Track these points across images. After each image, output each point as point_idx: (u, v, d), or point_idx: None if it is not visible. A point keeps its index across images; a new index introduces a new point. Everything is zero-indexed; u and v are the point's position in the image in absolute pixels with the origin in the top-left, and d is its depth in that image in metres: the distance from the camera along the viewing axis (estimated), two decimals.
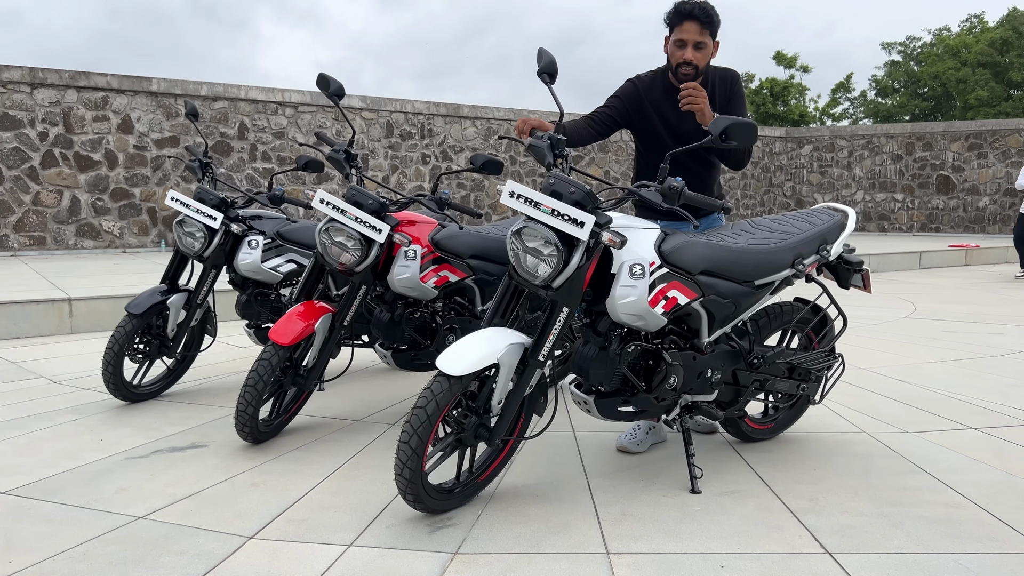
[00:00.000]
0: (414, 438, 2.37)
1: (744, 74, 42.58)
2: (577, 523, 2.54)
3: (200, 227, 3.97)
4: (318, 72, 3.50)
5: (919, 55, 40.36)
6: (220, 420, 3.76)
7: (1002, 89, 36.53)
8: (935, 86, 37.99)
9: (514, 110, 15.16)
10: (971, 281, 10.08)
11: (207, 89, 12.08)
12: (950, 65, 37.07)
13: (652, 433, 3.29)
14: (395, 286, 3.41)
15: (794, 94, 37.31)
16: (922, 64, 39.28)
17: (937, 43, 39.57)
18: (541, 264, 2.46)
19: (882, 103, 40.80)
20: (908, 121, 37.37)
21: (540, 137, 2.61)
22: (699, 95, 2.90)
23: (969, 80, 36.30)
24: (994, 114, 34.31)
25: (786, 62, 37.60)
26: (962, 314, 7.12)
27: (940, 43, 39.19)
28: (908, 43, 41.31)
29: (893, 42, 41.98)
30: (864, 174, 18.35)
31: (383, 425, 3.68)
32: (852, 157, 18.49)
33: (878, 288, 9.17)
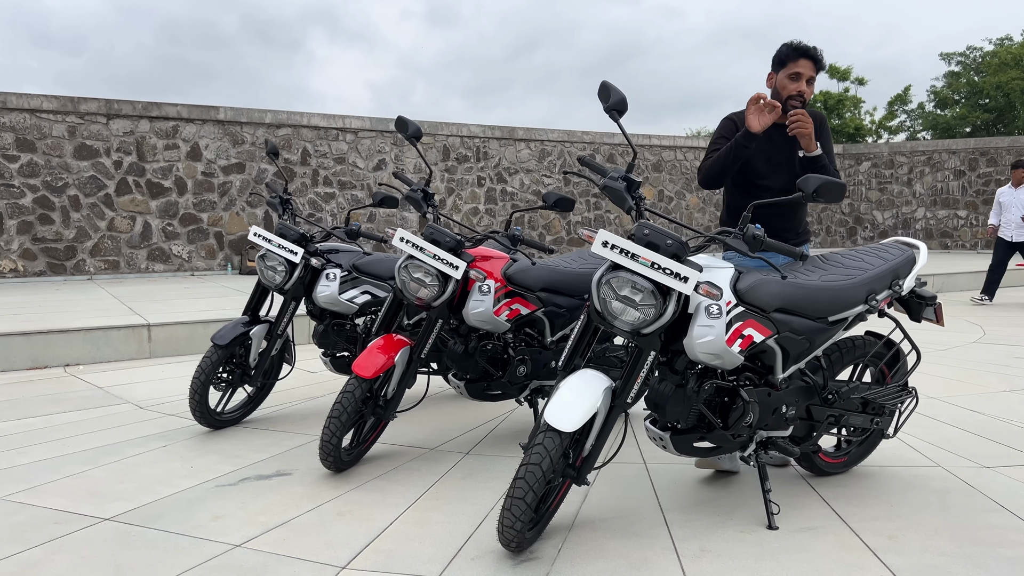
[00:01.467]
0: (530, 494, 2.45)
1: None
2: (656, 559, 2.59)
3: (281, 261, 4.14)
4: (397, 115, 3.65)
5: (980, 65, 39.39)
6: (300, 448, 3.91)
7: None
8: (997, 96, 37.00)
9: (567, 131, 15.28)
10: None
11: (271, 117, 12.47)
12: (1013, 75, 36.06)
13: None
14: (470, 320, 3.52)
15: (848, 107, 36.70)
16: (983, 74, 38.31)
17: (998, 53, 38.58)
18: (632, 311, 2.53)
19: (941, 115, 39.85)
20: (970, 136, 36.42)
21: (614, 179, 2.69)
22: (808, 121, 3.14)
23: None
24: None
25: (839, 75, 37.06)
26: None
27: (1002, 53, 38.20)
28: (969, 53, 40.34)
29: (953, 52, 41.02)
30: (925, 191, 17.97)
31: (456, 454, 3.79)
32: (912, 174, 18.14)
33: (945, 310, 8.99)
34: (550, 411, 2.48)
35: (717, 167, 3.29)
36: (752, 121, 3.12)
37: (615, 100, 2.68)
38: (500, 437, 4.09)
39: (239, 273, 12.13)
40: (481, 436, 4.11)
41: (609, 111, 2.70)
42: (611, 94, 2.69)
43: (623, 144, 15.80)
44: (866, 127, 37.13)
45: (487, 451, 3.84)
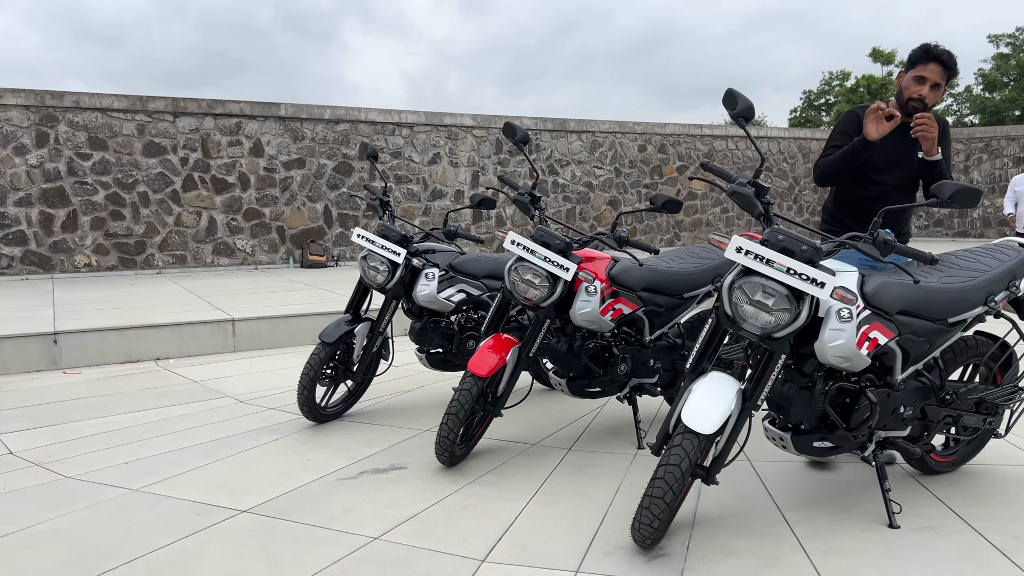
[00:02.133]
0: (669, 494, 2.54)
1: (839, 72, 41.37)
2: (786, 557, 2.67)
3: (384, 262, 4.27)
4: (504, 122, 3.74)
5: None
6: (407, 442, 4.04)
7: None
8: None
9: (619, 122, 15.27)
10: None
11: (330, 112, 12.66)
12: None
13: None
14: (577, 319, 3.61)
15: (893, 91, 35.95)
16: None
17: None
18: (764, 315, 2.60)
19: (990, 98, 38.91)
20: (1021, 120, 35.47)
21: (743, 184, 2.74)
22: (933, 125, 3.19)
23: None
24: None
25: (883, 58, 36.34)
26: None
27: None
28: (1018, 34, 39.27)
29: (1001, 34, 39.94)
30: (983, 178, 17.62)
31: (559, 450, 3.89)
32: (970, 161, 17.79)
33: None
34: (688, 414, 2.56)
35: (833, 169, 3.34)
36: (870, 129, 3.17)
37: (742, 107, 2.74)
38: (597, 433, 4.19)
39: (300, 266, 12.38)
40: (578, 432, 4.20)
41: (736, 118, 2.76)
42: (738, 101, 2.75)
43: (674, 135, 15.76)
44: None
45: (589, 447, 3.93)
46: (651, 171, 15.55)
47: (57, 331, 6.12)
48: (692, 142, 16.05)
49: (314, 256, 12.35)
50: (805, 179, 17.59)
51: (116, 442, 4.10)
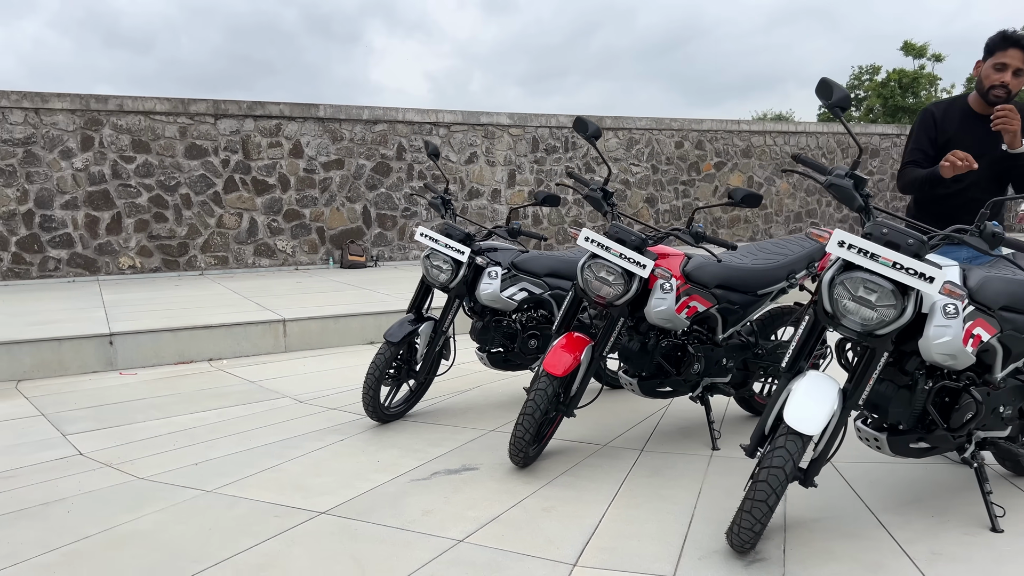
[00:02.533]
0: (772, 497, 2.47)
1: (869, 66, 40.75)
2: (888, 562, 2.58)
3: (447, 260, 4.22)
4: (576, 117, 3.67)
5: None
6: (475, 442, 3.99)
7: None
8: None
9: (655, 119, 15.13)
10: None
11: (368, 113, 12.68)
12: None
13: None
14: (652, 317, 3.54)
15: (924, 85, 35.29)
16: None
17: None
18: (867, 311, 2.51)
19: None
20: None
21: (841, 176, 2.65)
22: (1015, 117, 3.14)
23: None
24: None
25: (915, 52, 35.68)
26: None
27: None
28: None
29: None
30: None
31: (631, 451, 3.82)
32: None
33: None
34: (792, 415, 2.48)
35: (913, 188, 3.42)
36: (946, 171, 3.12)
37: (838, 97, 2.65)
38: (667, 433, 4.11)
39: (340, 267, 12.40)
40: (647, 432, 4.13)
41: (831, 107, 2.66)
42: (833, 91, 2.66)
43: (711, 131, 15.58)
44: None
45: (661, 448, 3.86)
46: (688, 168, 15.39)
47: (112, 332, 6.16)
48: (729, 138, 15.86)
49: (354, 256, 12.37)
50: None
51: (183, 443, 4.09)
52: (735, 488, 3.27)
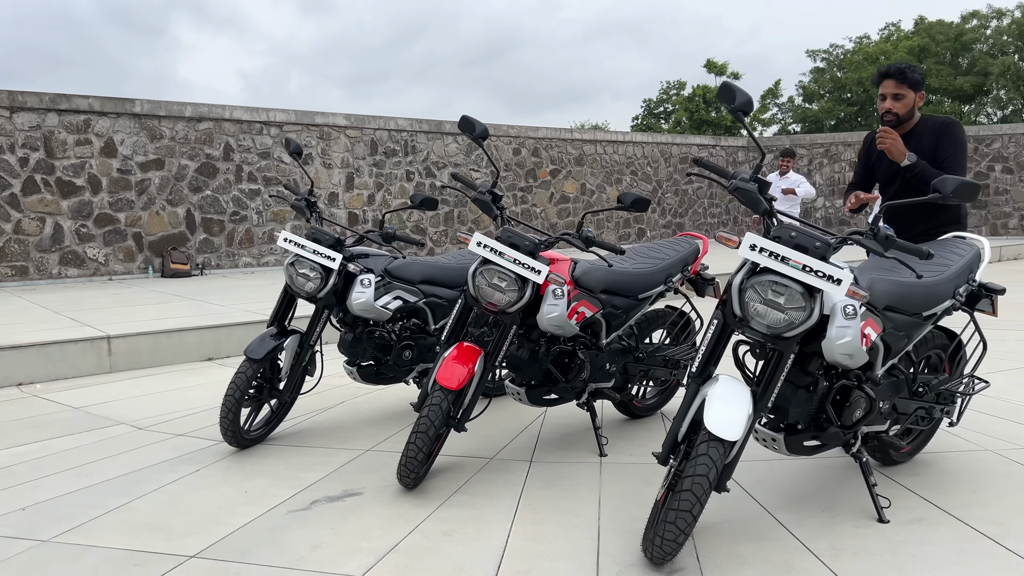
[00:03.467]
0: (697, 506, 2.41)
1: (676, 81, 43.51)
2: (798, 561, 2.61)
3: (314, 267, 3.91)
4: (461, 116, 3.50)
5: (842, 62, 41.96)
6: (350, 464, 3.71)
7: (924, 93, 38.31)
8: (858, 92, 39.47)
9: (494, 124, 15.21)
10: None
11: (191, 110, 11.79)
12: (872, 72, 38.65)
13: None
14: (544, 324, 3.43)
15: None
16: (845, 71, 40.80)
17: (858, 51, 41.22)
18: (775, 314, 2.52)
19: (809, 108, 42.16)
20: (835, 129, 38.61)
21: (746, 180, 2.67)
22: (887, 136, 3.68)
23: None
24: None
25: (716, 69, 38.54)
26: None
27: (860, 51, 40.83)
28: (832, 50, 42.93)
29: (817, 49, 43.50)
30: (824, 181, 18.98)
31: (519, 462, 3.69)
32: (812, 165, 19.12)
33: None
34: (713, 422, 2.44)
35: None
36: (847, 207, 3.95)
37: (741, 101, 2.66)
38: (552, 442, 4.02)
39: (161, 276, 11.42)
40: (531, 442, 4.02)
41: (735, 111, 2.67)
42: (736, 95, 2.67)
43: (546, 139, 15.89)
44: None
45: (549, 457, 3.76)
46: (526, 174, 15.60)
47: None
48: (563, 146, 16.25)
49: (176, 264, 11.42)
50: (667, 183, 18.26)
51: (1, 484, 3.50)
52: (633, 495, 3.23)
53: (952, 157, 3.69)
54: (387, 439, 4.11)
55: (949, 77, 38.46)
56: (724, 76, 38.74)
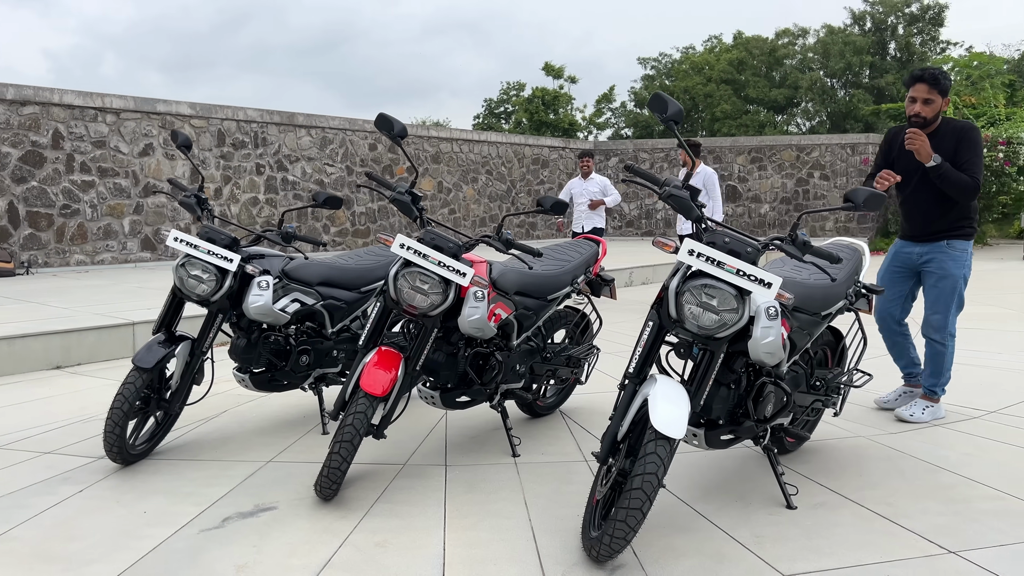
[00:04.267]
0: (647, 504, 2.47)
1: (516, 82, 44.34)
2: (727, 551, 2.75)
3: (207, 268, 3.67)
4: (378, 113, 3.40)
5: (671, 70, 44.43)
6: (254, 476, 3.52)
7: (741, 104, 41.11)
8: (685, 99, 41.90)
9: (348, 119, 14.86)
10: None
11: (13, 92, 10.67)
12: (697, 81, 41.15)
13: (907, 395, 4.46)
14: (465, 327, 3.40)
15: (563, 103, 39.36)
16: (673, 79, 43.23)
17: (684, 60, 43.82)
18: (710, 316, 2.64)
19: (640, 114, 44.31)
20: (662, 136, 40.71)
21: (679, 187, 2.77)
22: (917, 138, 3.87)
23: (715, 95, 40.49)
24: (736, 126, 38.56)
25: (554, 72, 39.68)
26: None
27: (687, 60, 43.44)
28: (661, 59, 45.35)
29: (648, 57, 45.74)
30: None
31: (435, 467, 3.64)
32: (654, 169, 20.10)
33: None
34: (660, 421, 2.51)
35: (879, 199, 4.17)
36: (877, 186, 3.97)
37: (673, 112, 2.75)
38: (460, 444, 4.00)
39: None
40: (440, 445, 3.98)
41: (667, 121, 2.77)
42: (668, 105, 2.75)
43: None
44: (578, 123, 40.01)
45: (463, 460, 3.73)
46: (383, 170, 15.35)
47: None
48: (420, 143, 16.14)
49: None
50: (521, 183, 18.59)
51: None
52: (556, 495, 3.27)
53: (970, 161, 3.93)
54: (286, 449, 3.92)
55: (765, 89, 41.66)
56: (561, 79, 39.89)
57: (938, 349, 4.22)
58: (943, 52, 39.05)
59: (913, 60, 38.65)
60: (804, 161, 19.03)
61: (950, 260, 4.12)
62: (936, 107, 3.96)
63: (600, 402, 4.73)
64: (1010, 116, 19.14)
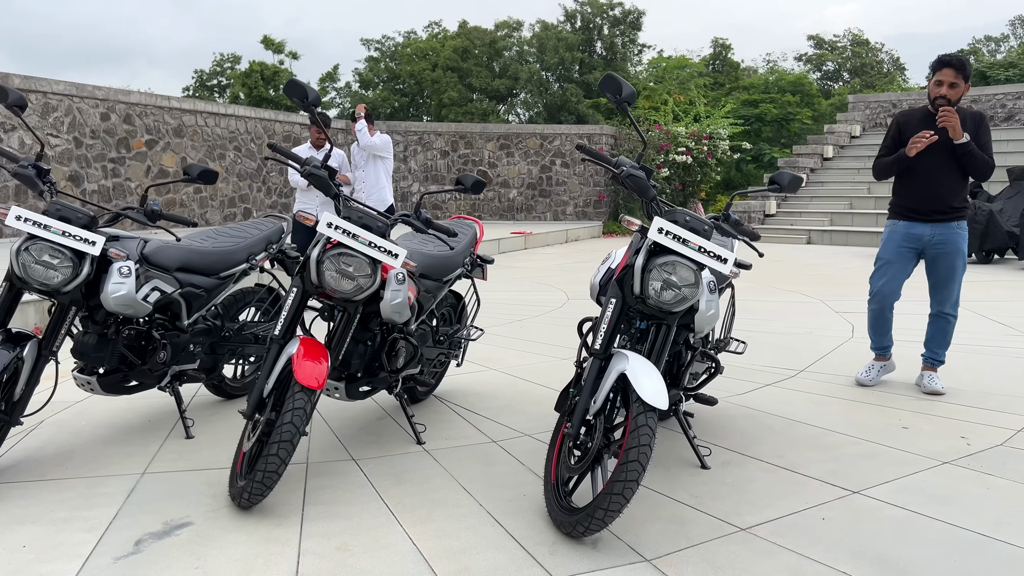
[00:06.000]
0: (642, 474, 2.52)
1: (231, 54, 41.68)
2: (682, 513, 2.91)
3: (63, 254, 3.09)
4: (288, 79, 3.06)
5: (394, 54, 44.18)
6: (138, 492, 3.06)
7: (467, 91, 41.97)
8: (411, 84, 42.07)
9: (77, 84, 13.03)
10: (571, 259, 12.07)
11: None
12: (424, 66, 41.45)
13: (883, 369, 4.67)
14: (387, 312, 3.22)
15: (284, 80, 37.80)
16: (398, 62, 43.10)
17: (408, 44, 43.82)
18: (670, 292, 2.75)
19: (366, 95, 43.75)
20: (390, 117, 40.58)
21: (636, 168, 2.85)
22: (953, 116, 4.13)
23: (442, 81, 41.10)
24: (462, 113, 39.33)
25: (274, 47, 38.00)
26: None
27: (410, 45, 43.50)
28: (384, 41, 44.80)
29: (371, 39, 45.00)
30: (419, 167, 20.14)
31: (343, 463, 3.41)
32: (408, 151, 20.13)
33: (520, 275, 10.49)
34: (647, 393, 2.56)
35: (887, 172, 4.49)
36: (911, 150, 4.21)
37: (627, 94, 2.83)
38: (353, 436, 3.77)
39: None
40: (328, 440, 3.72)
41: (620, 103, 2.83)
42: (622, 87, 2.82)
43: (140, 104, 14.10)
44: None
45: (369, 453, 3.53)
46: (117, 144, 13.67)
47: None
48: (160, 114, 14.60)
49: None
50: (272, 161, 17.59)
51: None
52: (490, 477, 3.23)
53: (987, 143, 4.27)
54: (154, 459, 3.44)
55: (487, 78, 43.16)
56: (282, 55, 38.12)
57: (951, 322, 4.50)
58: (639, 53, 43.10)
59: (616, 59, 42.00)
60: (547, 149, 20.18)
61: (960, 239, 4.36)
62: (960, 91, 4.20)
63: (468, 383, 4.71)
64: (709, 114, 21.86)
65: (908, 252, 4.44)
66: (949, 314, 4.49)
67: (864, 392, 4.52)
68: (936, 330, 4.55)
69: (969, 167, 4.27)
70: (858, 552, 2.59)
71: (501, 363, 5.20)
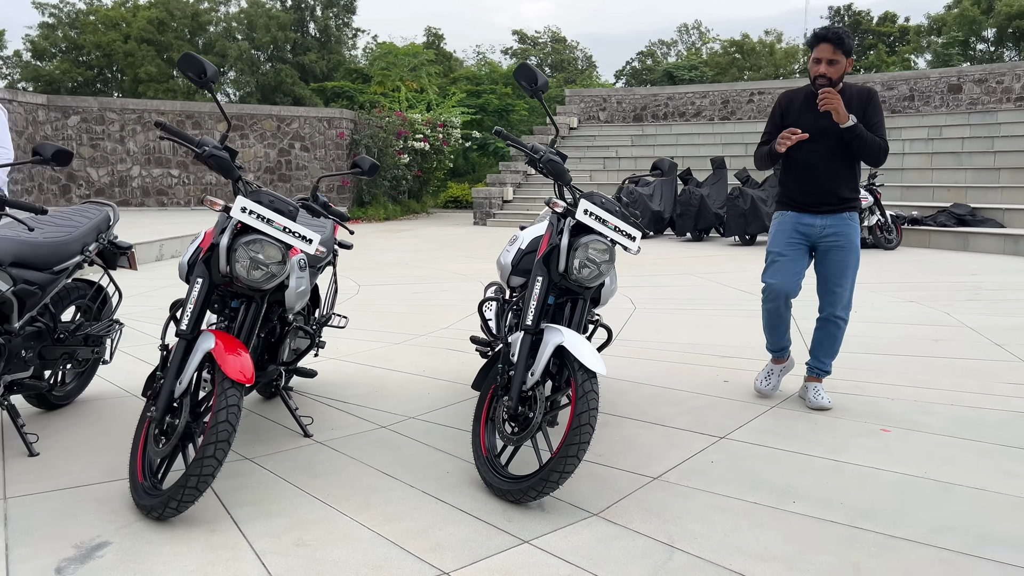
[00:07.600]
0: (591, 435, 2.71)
1: None
2: (595, 470, 3.17)
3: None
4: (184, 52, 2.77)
5: (74, 21, 38.74)
6: (25, 515, 2.66)
7: (167, 67, 37.95)
8: (98, 56, 37.49)
9: None
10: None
11: None
12: (114, 36, 36.96)
13: (783, 371, 4.26)
14: (292, 300, 3.10)
15: None
16: (79, 31, 38.02)
17: (92, 11, 38.67)
18: (590, 268, 2.98)
19: (42, 67, 38.34)
20: (74, 91, 36.04)
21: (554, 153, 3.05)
22: (834, 97, 3.66)
23: (136, 54, 36.95)
24: (163, 90, 35.74)
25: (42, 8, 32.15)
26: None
27: (95, 12, 38.45)
28: (62, 6, 39.04)
29: (46, 3, 38.98)
30: (139, 149, 18.35)
31: (235, 463, 3.21)
32: (125, 131, 18.24)
33: None
34: (591, 361, 2.75)
35: (762, 162, 4.04)
36: (781, 146, 3.78)
37: (542, 83, 3.02)
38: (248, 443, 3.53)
39: None
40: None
41: (536, 93, 3.01)
42: (537, 77, 3.00)
43: None
44: None
45: (265, 450, 3.35)
46: None
47: None
48: None
49: None
50: None
51: None
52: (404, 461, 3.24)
53: (880, 123, 3.84)
54: (19, 480, 2.99)
55: None
56: None
57: (840, 327, 4.00)
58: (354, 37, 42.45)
59: (331, 42, 40.95)
60: (285, 132, 19.45)
61: (853, 231, 3.93)
62: (841, 68, 3.77)
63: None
64: (439, 103, 22.51)
65: (800, 245, 3.97)
66: (840, 318, 3.98)
67: (679, 354, 5.13)
68: (824, 336, 4.04)
69: (859, 152, 3.83)
70: (755, 485, 3.04)
71: (335, 352, 5.10)
